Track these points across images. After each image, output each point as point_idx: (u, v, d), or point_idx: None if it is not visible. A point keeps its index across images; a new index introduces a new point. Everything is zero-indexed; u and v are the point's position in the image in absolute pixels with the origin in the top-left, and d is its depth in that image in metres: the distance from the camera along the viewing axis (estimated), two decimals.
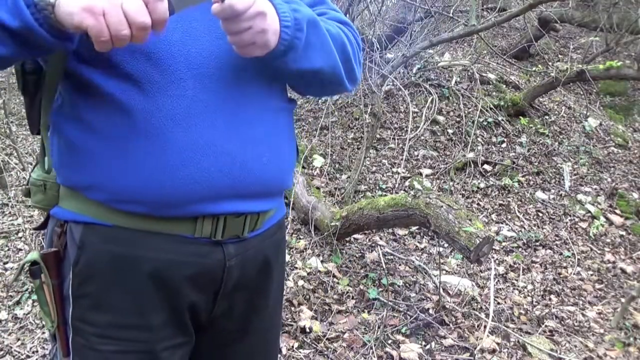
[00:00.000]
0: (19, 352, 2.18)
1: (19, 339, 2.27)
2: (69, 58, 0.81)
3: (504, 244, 3.44)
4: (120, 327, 0.86)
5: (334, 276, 2.81)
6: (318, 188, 3.66)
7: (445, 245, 3.19)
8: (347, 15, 4.63)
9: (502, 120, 4.62)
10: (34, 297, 2.48)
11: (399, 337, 2.40)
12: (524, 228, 3.62)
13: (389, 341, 2.37)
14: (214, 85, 0.83)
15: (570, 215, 3.77)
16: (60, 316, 0.89)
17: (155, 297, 0.87)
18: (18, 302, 2.49)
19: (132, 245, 0.85)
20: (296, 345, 2.28)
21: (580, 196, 3.95)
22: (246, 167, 0.86)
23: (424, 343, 2.39)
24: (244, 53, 0.79)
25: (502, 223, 3.68)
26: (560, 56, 6.30)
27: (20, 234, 3.06)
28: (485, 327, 2.41)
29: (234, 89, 0.85)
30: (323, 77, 0.92)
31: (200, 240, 0.88)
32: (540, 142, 4.48)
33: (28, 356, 2.17)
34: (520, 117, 4.70)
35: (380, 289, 2.75)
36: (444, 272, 2.99)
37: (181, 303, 0.90)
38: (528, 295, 2.94)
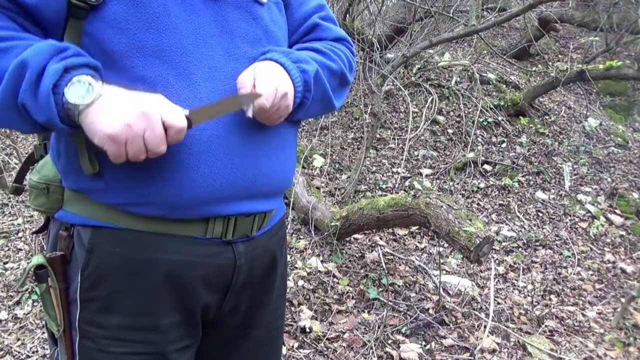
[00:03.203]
0: (19, 352, 2.18)
1: (19, 339, 2.27)
2: None
3: (504, 244, 3.44)
4: (131, 329, 0.86)
5: (334, 276, 2.81)
6: (318, 188, 3.66)
7: (445, 245, 3.19)
8: (348, 15, 4.63)
9: (502, 120, 4.62)
10: (34, 297, 2.49)
11: (399, 337, 2.40)
12: (524, 228, 3.62)
13: (389, 341, 2.37)
14: (226, 88, 0.84)
15: (570, 215, 3.77)
16: (66, 320, 0.88)
17: (168, 299, 0.87)
18: (18, 302, 2.49)
19: (145, 248, 0.85)
20: (296, 345, 2.27)
21: (580, 196, 3.95)
22: (257, 169, 0.88)
23: (424, 343, 2.39)
24: (271, 124, 0.88)
25: (502, 223, 3.68)
26: (560, 56, 6.30)
27: (20, 234, 3.06)
28: (485, 327, 2.41)
29: None
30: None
31: (212, 241, 0.89)
32: (540, 142, 4.48)
33: (28, 356, 2.17)
34: (520, 117, 4.70)
35: (380, 289, 2.75)
36: (444, 272, 2.99)
37: (195, 304, 0.90)
38: (528, 295, 2.94)
